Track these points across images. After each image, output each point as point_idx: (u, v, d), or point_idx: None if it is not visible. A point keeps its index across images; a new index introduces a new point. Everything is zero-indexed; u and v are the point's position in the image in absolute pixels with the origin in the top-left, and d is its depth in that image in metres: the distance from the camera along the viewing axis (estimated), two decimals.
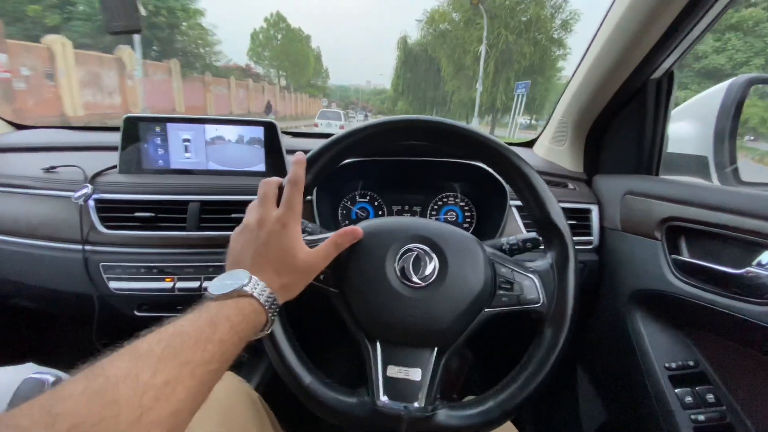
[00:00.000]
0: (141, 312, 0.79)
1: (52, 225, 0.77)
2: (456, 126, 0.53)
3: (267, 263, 0.44)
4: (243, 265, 0.43)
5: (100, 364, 0.28)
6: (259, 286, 0.41)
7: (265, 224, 0.45)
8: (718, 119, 0.77)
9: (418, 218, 0.56)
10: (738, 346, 0.64)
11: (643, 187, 0.77)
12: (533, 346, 0.51)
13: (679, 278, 0.66)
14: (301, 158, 0.48)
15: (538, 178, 0.52)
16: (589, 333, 0.89)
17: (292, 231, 0.45)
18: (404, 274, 0.49)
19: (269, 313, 0.42)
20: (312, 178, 0.51)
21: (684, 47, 0.72)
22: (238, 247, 0.45)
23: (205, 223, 0.78)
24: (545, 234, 0.54)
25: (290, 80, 40.44)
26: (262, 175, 0.86)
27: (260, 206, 0.46)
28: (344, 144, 0.53)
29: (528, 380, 0.48)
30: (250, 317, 0.39)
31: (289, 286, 0.45)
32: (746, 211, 0.58)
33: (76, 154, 0.90)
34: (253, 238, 0.45)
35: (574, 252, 0.51)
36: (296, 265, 0.45)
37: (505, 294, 0.51)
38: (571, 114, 0.91)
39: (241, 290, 0.40)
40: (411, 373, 0.47)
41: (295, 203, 0.46)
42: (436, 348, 0.49)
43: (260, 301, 0.40)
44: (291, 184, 0.46)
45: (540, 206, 0.52)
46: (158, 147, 0.82)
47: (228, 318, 0.36)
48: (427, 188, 0.97)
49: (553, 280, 0.51)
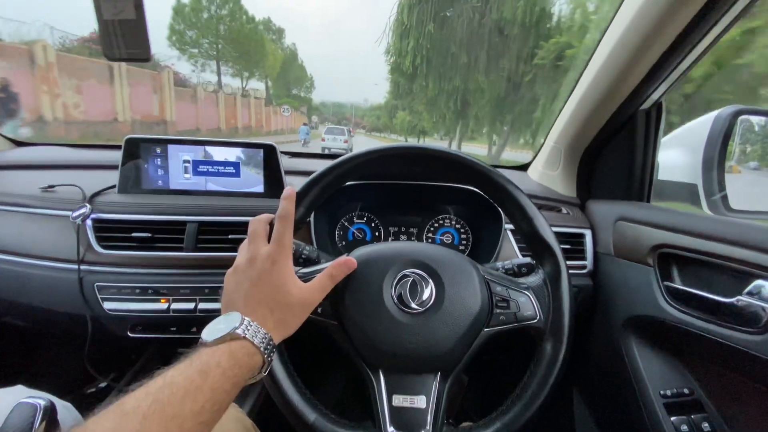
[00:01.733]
0: (134, 333, 0.79)
1: (49, 244, 0.77)
2: (439, 150, 0.54)
3: (260, 302, 0.43)
4: (236, 306, 0.43)
5: (86, 424, 0.28)
6: (252, 327, 0.40)
7: (255, 263, 0.44)
8: (706, 149, 0.79)
9: (411, 243, 0.57)
10: (732, 374, 0.64)
11: (635, 213, 0.78)
12: (534, 363, 0.51)
13: (672, 305, 0.67)
14: (291, 193, 0.48)
15: (522, 195, 0.53)
16: (586, 358, 0.89)
17: (284, 267, 0.45)
18: (402, 301, 0.49)
19: (265, 354, 0.41)
20: (302, 212, 0.52)
21: (673, 79, 0.75)
22: (230, 288, 0.45)
23: (203, 244, 0.78)
24: (535, 249, 0.55)
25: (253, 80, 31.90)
26: (261, 196, 0.87)
27: (250, 245, 0.46)
28: (332, 176, 0.53)
29: (533, 397, 0.48)
30: (243, 360, 0.38)
31: (285, 323, 0.44)
32: (736, 241, 0.60)
33: (76, 172, 0.91)
34: (244, 278, 0.44)
35: (566, 265, 0.52)
36: (290, 302, 0.44)
37: (502, 312, 0.51)
38: (564, 140, 0.94)
39: (234, 333, 0.39)
40: (416, 401, 0.47)
41: (286, 239, 0.46)
42: (439, 373, 0.49)
43: (254, 343, 0.39)
44: (280, 219, 0.46)
45: (527, 222, 0.53)
46: (158, 167, 0.83)
47: (219, 364, 0.35)
48: (424, 211, 0.98)
49: (548, 294, 0.52)
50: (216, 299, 0.76)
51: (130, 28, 0.52)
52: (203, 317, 0.76)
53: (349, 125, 47.55)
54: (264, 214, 0.49)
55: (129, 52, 0.55)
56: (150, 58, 0.54)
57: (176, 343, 0.87)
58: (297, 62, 43.63)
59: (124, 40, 0.52)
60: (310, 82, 48.26)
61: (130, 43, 0.53)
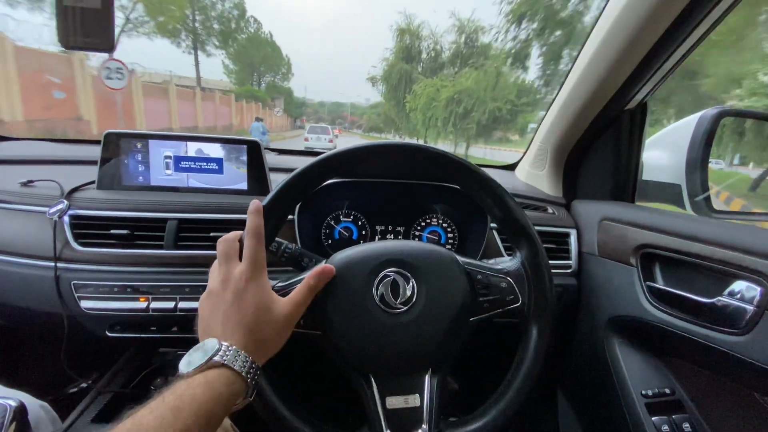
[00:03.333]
0: (113, 333, 0.77)
1: (25, 241, 0.75)
2: (407, 145, 0.53)
3: (238, 325, 0.41)
4: (213, 332, 0.41)
5: None
6: (231, 352, 0.38)
7: (229, 284, 0.42)
8: (689, 149, 0.80)
9: (387, 242, 0.56)
10: (713, 374, 0.65)
11: (619, 213, 0.79)
12: (521, 347, 0.51)
13: (654, 305, 0.67)
14: (257, 207, 0.46)
15: (492, 179, 0.52)
16: (569, 357, 0.89)
17: (260, 285, 0.43)
18: (385, 302, 0.48)
19: (248, 378, 0.38)
20: (273, 223, 0.50)
21: (656, 80, 0.75)
22: (206, 314, 0.43)
23: (183, 242, 0.76)
24: (510, 233, 0.55)
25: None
26: (245, 193, 0.85)
27: (222, 266, 0.44)
28: (301, 185, 0.51)
29: (524, 381, 0.48)
30: (221, 390, 0.36)
31: (268, 342, 0.42)
32: (717, 241, 0.60)
33: (55, 167, 0.89)
34: (219, 301, 0.42)
35: (542, 246, 0.52)
36: (271, 320, 0.42)
37: (486, 300, 0.51)
38: (550, 140, 0.94)
39: (211, 362, 0.37)
40: (410, 400, 0.47)
41: (258, 256, 0.44)
42: (431, 369, 0.49)
43: (234, 369, 0.37)
44: (250, 236, 0.44)
45: (498, 206, 0.53)
46: (139, 163, 0.82)
47: (194, 397, 0.33)
48: (411, 209, 0.97)
49: (527, 277, 0.52)
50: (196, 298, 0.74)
51: (93, 17, 0.49)
52: (183, 316, 0.74)
53: (345, 123, 43.08)
54: (232, 233, 0.47)
55: (88, 41, 0.51)
56: (113, 48, 0.52)
57: (157, 342, 0.85)
58: (264, 38, 32.03)
59: (83, 28, 0.49)
60: (287, 67, 36.24)
61: (91, 31, 0.50)
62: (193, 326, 0.76)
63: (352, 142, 0.57)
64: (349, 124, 42.04)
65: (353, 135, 39.26)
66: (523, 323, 0.52)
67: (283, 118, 33.52)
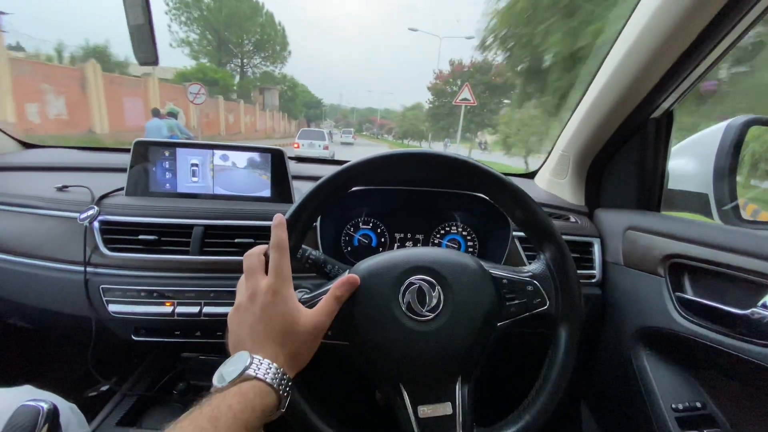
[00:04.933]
0: (138, 336, 0.78)
1: (56, 245, 0.77)
2: (427, 153, 0.53)
3: (267, 338, 0.42)
4: (244, 346, 0.41)
5: None
6: (263, 365, 0.39)
7: (256, 297, 0.43)
8: (717, 158, 0.78)
9: (410, 249, 0.56)
10: (746, 387, 0.63)
11: (645, 222, 0.78)
12: (552, 350, 0.51)
13: (684, 317, 0.66)
14: (281, 220, 0.47)
15: (512, 183, 0.52)
16: (594, 369, 0.87)
17: (287, 297, 0.44)
18: (412, 310, 0.48)
19: (279, 390, 0.39)
20: (297, 237, 0.50)
21: (684, 88, 0.74)
22: (235, 328, 0.44)
23: (209, 248, 0.78)
24: (534, 236, 0.54)
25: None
26: (268, 200, 0.87)
27: (248, 280, 0.45)
28: (322, 196, 0.51)
29: (557, 384, 0.48)
30: (255, 402, 0.37)
31: (297, 354, 0.43)
32: (749, 252, 0.59)
33: (84, 174, 0.91)
34: (248, 315, 0.43)
35: (567, 246, 0.51)
36: (299, 332, 0.43)
37: (512, 304, 0.51)
38: (572, 149, 0.93)
39: (244, 374, 0.38)
40: (442, 408, 0.47)
41: (283, 268, 0.44)
42: (461, 376, 0.48)
43: (266, 381, 0.38)
44: (275, 249, 0.45)
45: (521, 209, 0.52)
46: (166, 171, 0.84)
47: (230, 408, 0.34)
48: (431, 217, 0.97)
49: (553, 279, 0.52)
50: (221, 303, 0.75)
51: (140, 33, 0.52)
52: (207, 321, 0.75)
53: (374, 128, 37.70)
54: (257, 247, 0.48)
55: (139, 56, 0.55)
56: (157, 61, 0.54)
57: (180, 347, 0.86)
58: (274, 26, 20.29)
59: (137, 44, 0.52)
60: (281, 43, 22.63)
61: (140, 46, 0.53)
62: (216, 331, 0.78)
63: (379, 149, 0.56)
64: (378, 129, 36.48)
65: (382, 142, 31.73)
66: (551, 327, 0.51)
67: (276, 119, 25.13)
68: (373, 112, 54.36)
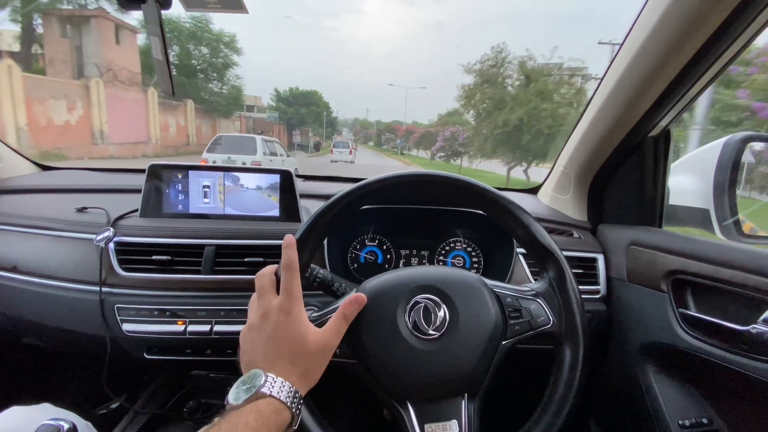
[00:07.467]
0: (151, 355, 0.80)
1: (72, 266, 0.79)
2: (433, 175, 0.55)
3: (280, 356, 0.43)
4: (257, 364, 0.43)
5: None
6: (277, 383, 0.40)
7: (269, 317, 0.45)
8: (716, 174, 0.80)
9: (416, 268, 0.58)
10: (750, 403, 0.63)
11: (648, 238, 0.79)
12: (556, 369, 0.51)
13: (688, 332, 0.67)
14: (291, 241, 0.48)
15: (515, 204, 0.54)
16: (602, 385, 0.87)
17: (298, 317, 0.45)
18: (417, 328, 0.49)
19: (293, 408, 0.40)
20: (307, 256, 0.52)
21: (680, 107, 0.76)
22: (248, 347, 0.45)
23: (219, 266, 0.80)
24: (536, 255, 0.55)
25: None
26: (277, 220, 0.89)
27: (260, 300, 0.46)
28: (330, 215, 0.53)
29: (561, 403, 0.48)
30: (271, 418, 0.38)
31: (308, 372, 0.44)
32: (750, 268, 0.60)
33: (100, 196, 0.94)
34: (260, 334, 0.45)
35: (568, 266, 0.53)
36: (310, 351, 0.44)
37: (516, 323, 0.51)
38: (573, 166, 0.95)
39: (259, 392, 0.39)
40: (449, 427, 0.47)
41: (294, 288, 0.46)
42: (466, 394, 0.49)
43: (280, 399, 0.39)
44: (286, 269, 0.46)
45: (523, 229, 0.54)
46: (179, 192, 0.87)
47: (248, 425, 0.36)
48: (436, 234, 0.99)
49: (556, 298, 0.53)
50: (231, 321, 0.77)
51: (160, 68, 0.56)
52: (218, 339, 0.77)
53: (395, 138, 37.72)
54: (268, 267, 0.49)
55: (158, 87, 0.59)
56: (174, 92, 0.58)
57: (190, 365, 0.88)
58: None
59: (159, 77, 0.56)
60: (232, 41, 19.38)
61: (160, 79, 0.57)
62: (226, 349, 0.79)
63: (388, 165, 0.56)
64: (403, 140, 30.48)
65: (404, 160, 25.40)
66: (555, 346, 0.52)
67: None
68: (398, 123, 48.92)
